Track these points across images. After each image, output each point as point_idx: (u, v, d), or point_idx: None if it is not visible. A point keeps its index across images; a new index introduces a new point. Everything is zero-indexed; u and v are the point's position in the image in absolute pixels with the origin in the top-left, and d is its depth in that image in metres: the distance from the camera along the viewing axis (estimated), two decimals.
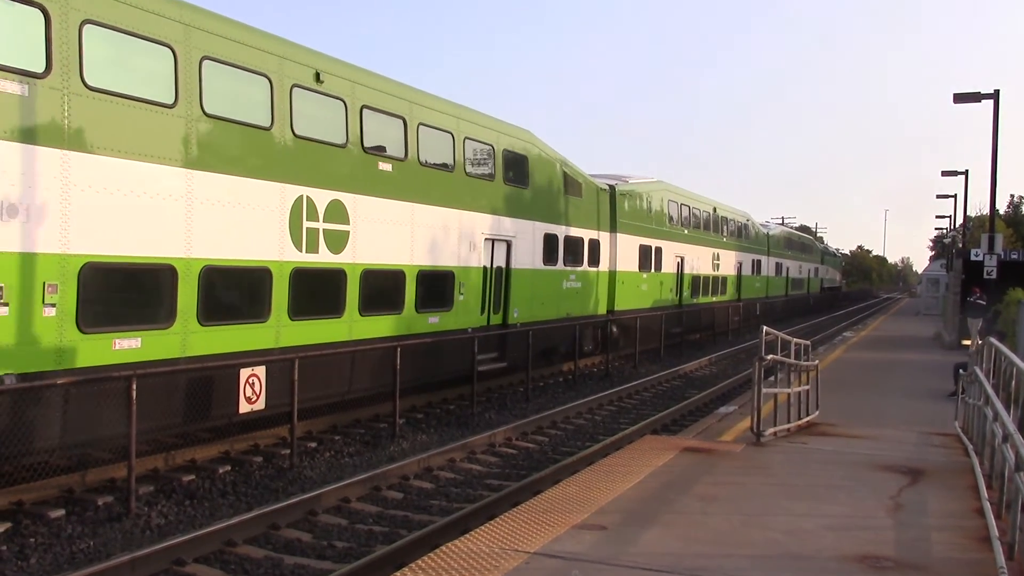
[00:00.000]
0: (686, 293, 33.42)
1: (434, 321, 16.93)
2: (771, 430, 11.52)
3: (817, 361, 14.94)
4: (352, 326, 14.51)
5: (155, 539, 9.02)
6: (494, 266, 19.41)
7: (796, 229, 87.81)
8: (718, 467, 9.67)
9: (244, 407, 12.16)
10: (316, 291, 13.87)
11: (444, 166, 17.41)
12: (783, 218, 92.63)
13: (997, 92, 28.18)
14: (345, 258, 14.35)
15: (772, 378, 12.53)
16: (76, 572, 7.62)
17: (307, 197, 13.47)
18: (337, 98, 14.29)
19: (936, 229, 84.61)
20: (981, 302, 26.90)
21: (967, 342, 25.05)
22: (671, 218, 31.76)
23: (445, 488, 11.62)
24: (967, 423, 12.29)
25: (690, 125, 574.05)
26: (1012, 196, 68.87)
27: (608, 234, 25.91)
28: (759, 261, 46.86)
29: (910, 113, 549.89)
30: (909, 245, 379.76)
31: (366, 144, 14.90)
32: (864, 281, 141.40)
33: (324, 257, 13.86)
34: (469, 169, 18.29)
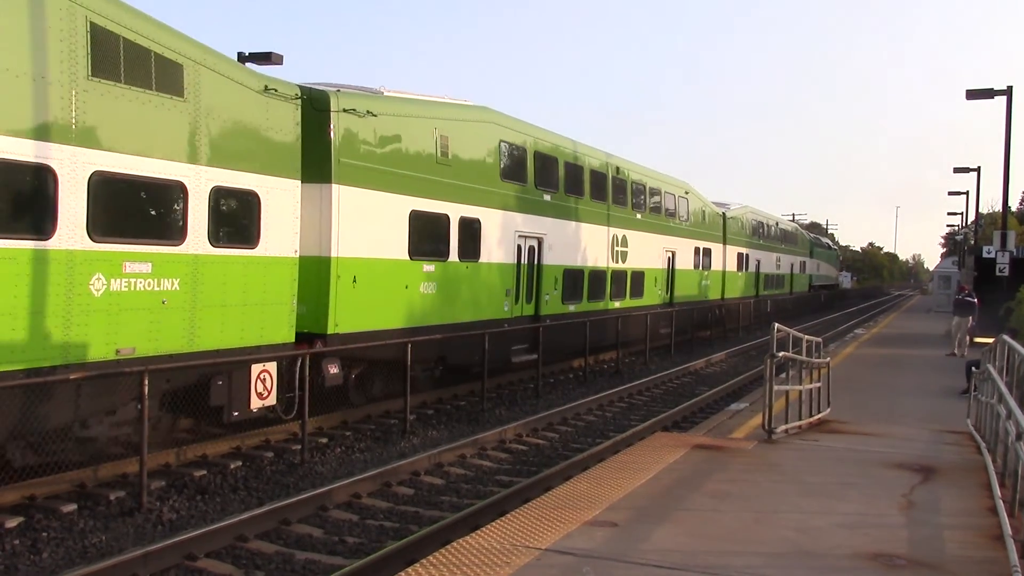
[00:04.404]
0: (551, 296, 21.33)
1: None
2: (782, 427, 11.49)
3: (828, 358, 14.89)
4: None
5: (167, 534, 9.06)
6: None
7: (806, 226, 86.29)
8: (729, 464, 9.65)
9: (256, 403, 12.19)
10: None
11: None
12: (793, 214, 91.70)
13: (1010, 88, 28.10)
14: None
15: (783, 375, 12.50)
16: (88, 567, 7.64)
17: None
18: None
19: (948, 226, 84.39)
20: (970, 300, 26.70)
21: (981, 340, 24.91)
22: (511, 171, 19.50)
23: (456, 484, 11.62)
24: (979, 421, 12.23)
25: (698, 122, 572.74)
26: None
27: (295, 184, 13.07)
28: (709, 251, 34.89)
29: (922, 109, 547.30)
30: (921, 242, 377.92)
31: None
32: (875, 278, 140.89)
33: None
34: None
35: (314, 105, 13.84)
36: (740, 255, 39.90)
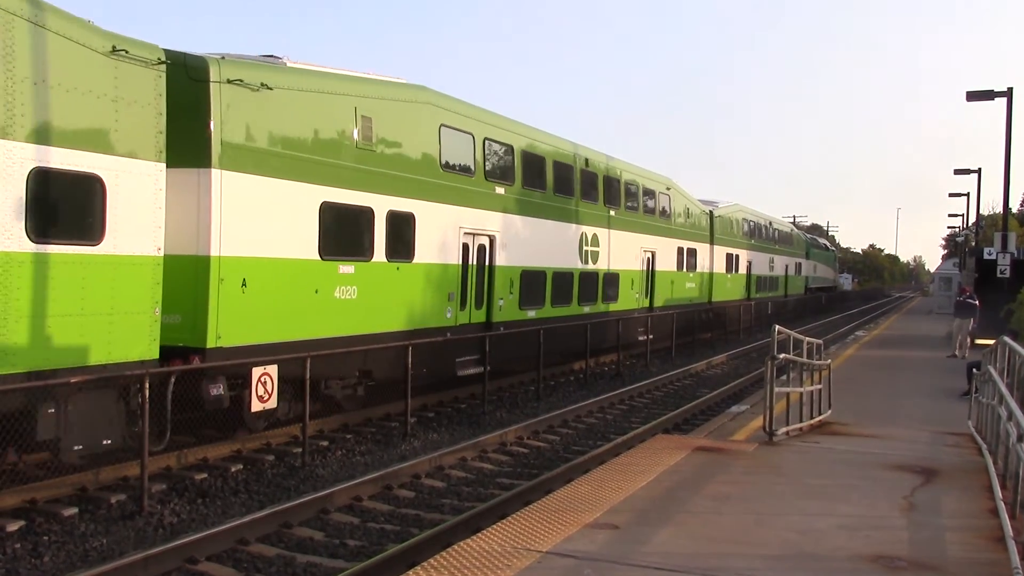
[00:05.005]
0: (505, 301, 19.08)
1: None
2: (783, 429, 11.49)
3: (829, 360, 14.88)
4: None
5: (168, 537, 9.06)
6: None
7: (807, 228, 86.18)
8: (730, 466, 9.64)
9: (256, 406, 12.18)
10: None
11: None
12: (794, 216, 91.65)
13: (1011, 90, 28.10)
14: None
15: (784, 377, 12.51)
16: (89, 570, 7.65)
17: None
18: None
19: (949, 228, 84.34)
20: (971, 301, 26.78)
21: (982, 341, 24.92)
22: (454, 160, 17.17)
23: (457, 487, 11.62)
24: (981, 422, 12.23)
25: (698, 123, 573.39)
26: None
27: (157, 168, 10.81)
28: (694, 251, 32.78)
29: (923, 110, 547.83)
30: (921, 244, 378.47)
31: None
32: (876, 280, 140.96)
33: None
34: None
35: (190, 74, 11.53)
36: (729, 256, 37.70)
